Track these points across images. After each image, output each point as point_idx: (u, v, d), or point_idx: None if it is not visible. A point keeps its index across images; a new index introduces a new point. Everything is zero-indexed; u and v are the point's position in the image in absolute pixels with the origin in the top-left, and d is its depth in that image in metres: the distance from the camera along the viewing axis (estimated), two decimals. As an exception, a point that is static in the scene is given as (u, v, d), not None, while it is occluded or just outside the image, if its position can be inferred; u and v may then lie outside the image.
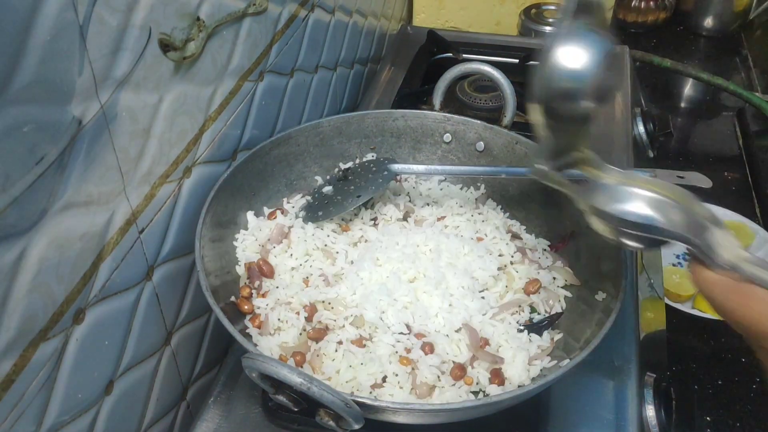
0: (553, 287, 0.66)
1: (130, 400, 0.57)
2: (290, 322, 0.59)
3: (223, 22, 0.60)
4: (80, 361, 0.48)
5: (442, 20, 1.36)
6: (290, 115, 0.82)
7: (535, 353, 0.59)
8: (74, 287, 0.46)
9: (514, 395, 0.50)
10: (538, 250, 0.70)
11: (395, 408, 0.49)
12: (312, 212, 0.70)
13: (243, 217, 0.69)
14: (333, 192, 0.71)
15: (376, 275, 0.63)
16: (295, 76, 0.82)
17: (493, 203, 0.75)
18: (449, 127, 0.77)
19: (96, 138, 0.46)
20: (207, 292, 0.55)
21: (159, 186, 0.56)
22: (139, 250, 0.55)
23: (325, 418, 0.49)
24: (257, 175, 0.70)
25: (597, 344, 0.52)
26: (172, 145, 0.57)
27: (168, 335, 0.62)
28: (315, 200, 0.71)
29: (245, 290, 0.63)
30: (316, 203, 0.71)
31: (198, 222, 0.60)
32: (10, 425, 0.42)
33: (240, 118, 0.69)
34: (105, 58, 0.45)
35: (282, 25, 0.74)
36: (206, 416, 0.62)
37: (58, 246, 0.44)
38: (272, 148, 0.71)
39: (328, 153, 0.76)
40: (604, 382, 0.66)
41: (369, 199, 0.71)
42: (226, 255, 0.65)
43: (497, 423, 0.58)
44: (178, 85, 0.56)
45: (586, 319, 0.60)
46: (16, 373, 0.41)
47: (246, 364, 0.48)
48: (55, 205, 0.43)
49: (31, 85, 0.38)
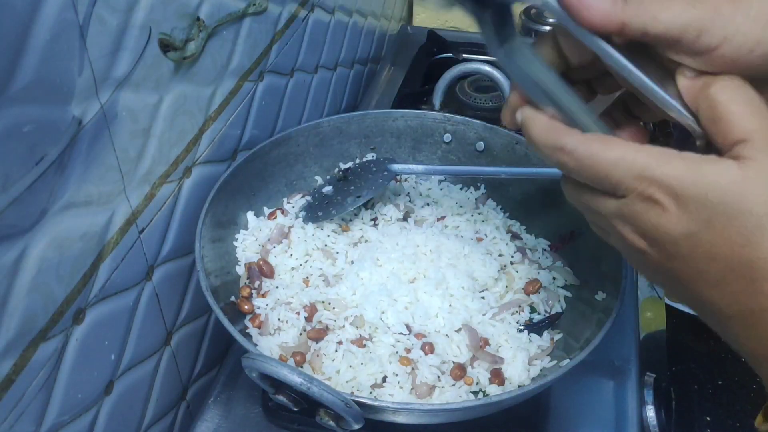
0: (553, 287, 0.66)
1: (130, 400, 0.57)
2: (290, 322, 0.59)
3: (223, 22, 0.60)
4: (80, 361, 0.48)
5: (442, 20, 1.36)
6: (290, 115, 0.82)
7: (535, 353, 0.59)
8: (74, 287, 0.46)
9: (514, 395, 0.50)
10: (538, 250, 0.70)
11: (395, 408, 0.49)
12: (312, 212, 0.70)
13: (243, 217, 0.69)
14: (333, 192, 0.71)
15: (376, 275, 0.62)
16: (295, 76, 0.82)
17: (493, 203, 0.75)
18: (449, 127, 0.77)
19: (96, 138, 0.46)
20: (207, 292, 0.55)
21: (159, 186, 0.56)
22: (139, 250, 0.55)
23: (325, 418, 0.49)
24: (257, 175, 0.70)
25: (597, 344, 0.52)
26: (172, 145, 0.57)
27: (168, 335, 0.62)
28: (315, 200, 0.71)
29: (245, 290, 0.63)
30: (316, 203, 0.71)
31: (198, 222, 0.60)
32: (10, 425, 0.42)
33: (240, 118, 0.69)
34: (105, 58, 0.45)
35: (282, 25, 0.74)
36: (206, 416, 0.62)
37: (58, 246, 0.44)
38: (272, 148, 0.71)
39: (328, 153, 0.76)
40: (604, 382, 0.66)
41: (369, 200, 0.71)
42: (226, 255, 0.65)
43: (497, 423, 0.58)
44: (178, 85, 0.56)
45: (586, 319, 0.60)
46: (16, 373, 0.41)
47: (246, 364, 0.48)
48: (55, 205, 0.43)
49: (31, 85, 0.38)
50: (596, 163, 0.36)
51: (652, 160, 0.35)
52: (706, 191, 0.34)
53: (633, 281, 0.76)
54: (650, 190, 0.35)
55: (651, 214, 0.35)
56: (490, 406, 0.51)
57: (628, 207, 0.36)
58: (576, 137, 0.38)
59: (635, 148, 0.36)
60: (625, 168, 0.35)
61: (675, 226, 0.35)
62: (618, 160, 0.36)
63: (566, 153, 0.38)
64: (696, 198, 0.34)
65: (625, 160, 0.35)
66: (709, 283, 0.35)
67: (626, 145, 0.36)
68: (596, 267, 0.63)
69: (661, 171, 0.34)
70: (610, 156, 0.36)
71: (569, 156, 0.37)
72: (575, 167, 0.38)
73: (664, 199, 0.35)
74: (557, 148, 0.38)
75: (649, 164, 0.35)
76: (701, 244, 0.34)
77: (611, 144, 0.36)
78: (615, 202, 0.37)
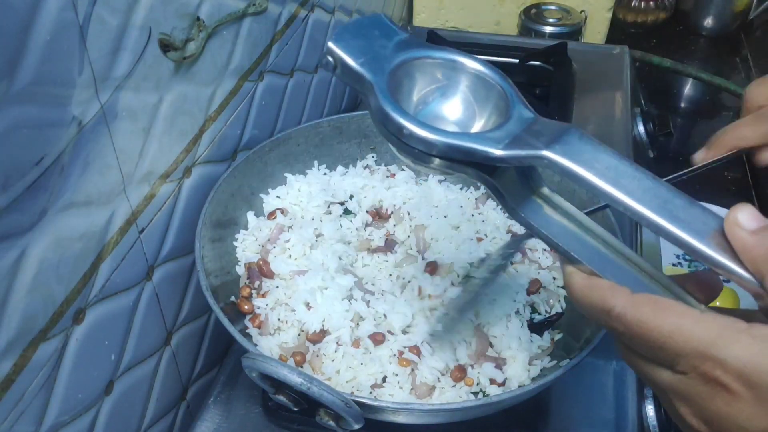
0: (553, 287, 0.66)
1: (130, 400, 0.57)
2: (290, 322, 0.59)
3: (223, 22, 0.60)
4: (80, 361, 0.48)
5: (442, 20, 1.36)
6: (290, 115, 0.82)
7: (535, 353, 0.59)
8: (74, 287, 0.46)
9: (514, 395, 0.50)
10: (538, 250, 0.70)
11: (395, 408, 0.49)
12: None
13: (243, 217, 0.69)
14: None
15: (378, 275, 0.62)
16: (295, 76, 0.82)
17: (493, 203, 0.75)
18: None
19: (96, 138, 0.46)
20: (207, 292, 0.55)
21: (159, 186, 0.56)
22: (139, 250, 0.55)
23: (325, 418, 0.49)
24: (257, 175, 0.70)
25: (597, 344, 0.52)
26: (172, 145, 0.57)
27: (168, 335, 0.62)
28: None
29: (245, 290, 0.63)
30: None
31: (198, 222, 0.60)
32: (10, 425, 0.42)
33: (240, 118, 0.69)
34: (105, 58, 0.45)
35: (282, 25, 0.74)
36: (206, 416, 0.62)
37: (58, 246, 0.44)
38: (272, 148, 0.71)
39: (328, 153, 0.76)
40: (604, 382, 0.65)
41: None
42: (226, 255, 0.65)
43: (497, 423, 0.58)
44: (178, 85, 0.56)
45: (586, 319, 0.60)
46: (16, 373, 0.41)
47: (246, 364, 0.48)
48: (55, 205, 0.43)
49: (31, 85, 0.38)
50: (648, 332, 0.32)
51: (715, 335, 0.30)
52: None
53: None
54: (716, 372, 0.30)
55: (718, 400, 0.30)
56: (490, 406, 0.51)
57: (690, 387, 0.31)
58: (624, 299, 0.33)
59: (695, 318, 0.31)
60: (682, 341, 0.31)
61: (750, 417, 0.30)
62: (673, 332, 0.31)
63: (614, 318, 0.33)
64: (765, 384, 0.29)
65: (683, 332, 0.31)
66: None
67: (683, 312, 0.31)
68: (596, 267, 0.63)
69: (729, 352, 0.29)
70: (664, 325, 0.31)
71: (618, 321, 0.33)
72: (626, 333, 0.33)
73: (733, 384, 0.29)
74: (604, 311, 0.34)
75: (713, 342, 0.30)
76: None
77: (665, 310, 0.32)
78: (673, 377, 0.32)
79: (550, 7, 1.28)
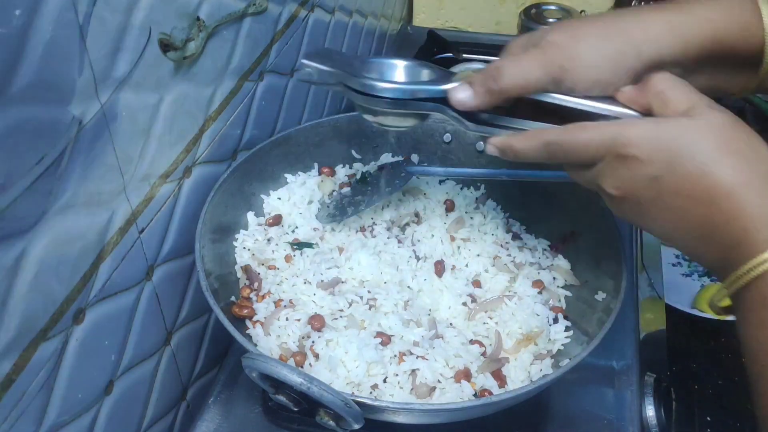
0: (553, 287, 0.66)
1: (130, 400, 0.57)
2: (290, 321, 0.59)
3: (223, 22, 0.60)
4: (80, 361, 0.48)
5: (442, 20, 1.36)
6: (290, 115, 0.82)
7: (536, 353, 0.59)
8: (74, 287, 0.46)
9: (514, 395, 0.50)
10: (538, 250, 0.70)
11: (395, 408, 0.49)
12: (327, 212, 0.69)
13: (243, 217, 0.69)
14: (351, 193, 0.71)
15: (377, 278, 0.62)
16: (295, 76, 0.82)
17: (493, 203, 0.75)
18: (449, 127, 0.77)
19: (96, 138, 0.46)
20: (207, 292, 0.55)
21: (159, 186, 0.56)
22: (139, 250, 0.55)
23: (325, 418, 0.49)
24: (257, 175, 0.70)
25: (597, 344, 0.52)
26: (172, 145, 0.57)
27: (168, 335, 0.62)
28: (332, 201, 0.71)
29: (245, 291, 0.63)
30: (333, 203, 0.71)
31: (198, 222, 0.60)
32: (10, 425, 0.42)
33: (240, 118, 0.69)
34: (105, 58, 0.45)
35: (282, 25, 0.74)
36: (206, 416, 0.62)
37: (58, 246, 0.44)
38: (272, 148, 0.71)
39: (328, 153, 0.76)
40: (604, 382, 0.66)
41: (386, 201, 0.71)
42: (226, 255, 0.65)
43: (497, 423, 0.58)
44: (178, 85, 0.56)
45: (586, 319, 0.60)
46: (16, 373, 0.41)
47: (246, 364, 0.48)
48: (55, 205, 0.43)
49: (31, 85, 0.38)
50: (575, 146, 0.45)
51: (620, 126, 0.43)
52: (667, 140, 0.41)
53: (633, 281, 0.76)
54: (625, 149, 0.42)
55: (625, 167, 0.43)
56: (490, 406, 0.51)
57: (606, 165, 0.44)
58: (555, 131, 0.46)
59: (606, 124, 0.44)
60: (599, 141, 0.43)
61: (645, 172, 0.42)
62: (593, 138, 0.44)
63: (551, 145, 0.46)
64: (659, 147, 0.41)
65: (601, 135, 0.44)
66: (677, 214, 0.42)
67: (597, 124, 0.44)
68: (596, 267, 0.63)
69: (632, 132, 0.42)
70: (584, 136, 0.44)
71: (554, 146, 0.46)
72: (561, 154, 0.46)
73: (635, 151, 0.42)
74: (544, 143, 0.46)
75: (620, 131, 0.43)
76: (666, 183, 0.41)
77: (584, 127, 0.45)
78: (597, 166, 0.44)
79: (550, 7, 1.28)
